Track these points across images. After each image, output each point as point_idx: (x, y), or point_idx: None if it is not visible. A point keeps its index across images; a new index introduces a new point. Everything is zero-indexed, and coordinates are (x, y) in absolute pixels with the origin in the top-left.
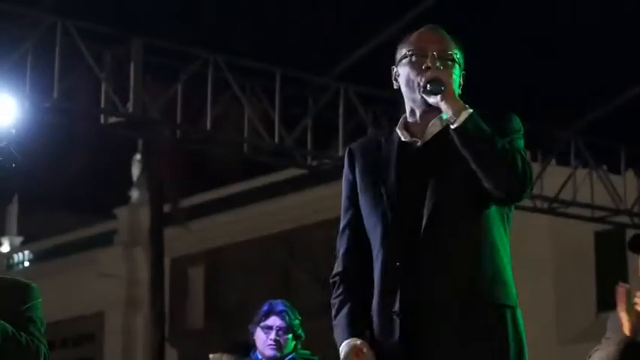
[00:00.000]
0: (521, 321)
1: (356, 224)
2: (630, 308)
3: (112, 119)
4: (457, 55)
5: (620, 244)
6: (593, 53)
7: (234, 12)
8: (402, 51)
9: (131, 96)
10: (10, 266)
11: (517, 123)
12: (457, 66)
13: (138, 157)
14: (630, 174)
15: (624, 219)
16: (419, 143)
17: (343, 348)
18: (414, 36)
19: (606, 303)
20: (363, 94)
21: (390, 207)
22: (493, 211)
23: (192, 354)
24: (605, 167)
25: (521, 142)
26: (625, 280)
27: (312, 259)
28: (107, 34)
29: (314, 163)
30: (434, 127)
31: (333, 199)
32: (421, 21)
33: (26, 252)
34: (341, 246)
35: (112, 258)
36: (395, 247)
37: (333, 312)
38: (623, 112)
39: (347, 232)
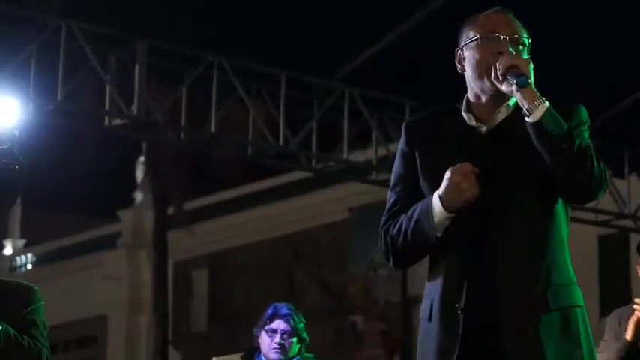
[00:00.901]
0: (588, 320)
1: (410, 199)
2: None
3: (117, 121)
4: (527, 39)
5: (624, 248)
6: (598, 56)
7: (239, 15)
8: (470, 33)
9: (135, 98)
10: (13, 269)
11: (585, 115)
12: (527, 51)
13: (142, 159)
14: (634, 178)
15: (628, 223)
16: (484, 129)
17: (437, 192)
18: (482, 18)
19: (609, 307)
20: (368, 97)
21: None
22: (560, 207)
23: (196, 357)
24: (609, 171)
25: (586, 135)
26: (628, 283)
27: (317, 262)
28: (112, 36)
29: (319, 166)
30: (500, 114)
31: (338, 202)
32: (427, 23)
33: (29, 254)
34: (394, 211)
35: (116, 260)
36: (464, 242)
37: (405, 223)
38: (627, 116)
39: (401, 204)
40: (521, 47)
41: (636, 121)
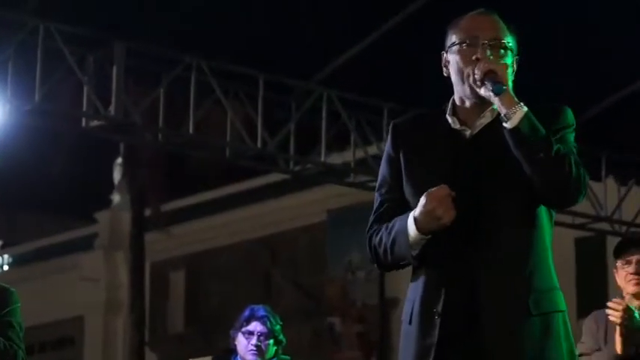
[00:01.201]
0: (569, 325)
1: (394, 201)
2: (630, 323)
3: (94, 123)
4: (510, 42)
5: (601, 251)
6: (574, 59)
7: (217, 16)
8: (452, 37)
9: (113, 99)
10: None
11: (570, 117)
12: (510, 54)
13: (119, 161)
14: (611, 181)
15: (604, 226)
16: (468, 133)
17: (414, 211)
18: (464, 21)
19: (586, 309)
20: (346, 99)
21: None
22: (543, 211)
23: (172, 358)
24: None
25: (571, 137)
26: (605, 286)
27: (294, 264)
28: (89, 37)
29: (296, 168)
30: (485, 118)
31: (316, 204)
32: (406, 26)
33: (6, 256)
34: (380, 212)
35: (93, 262)
36: (444, 245)
37: (384, 237)
38: (604, 119)
39: (386, 205)
40: (502, 51)
41: (613, 124)
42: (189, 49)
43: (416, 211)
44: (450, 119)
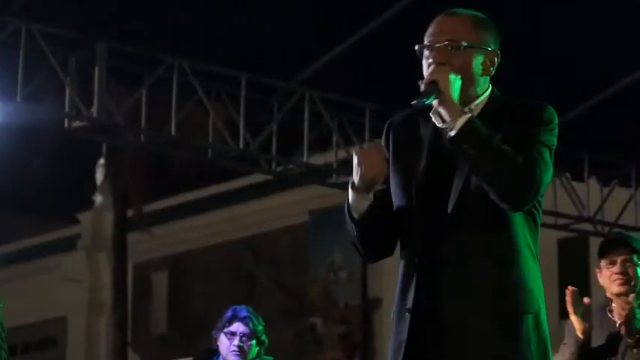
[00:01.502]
0: (545, 327)
1: (382, 207)
2: (579, 309)
3: (76, 124)
4: (478, 38)
5: (584, 252)
6: (557, 60)
7: (200, 17)
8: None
9: (95, 100)
10: None
11: (547, 115)
12: (474, 52)
13: (102, 161)
14: (593, 181)
15: (587, 227)
16: (450, 132)
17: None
18: (430, 24)
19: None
20: (329, 100)
21: (417, 198)
22: (520, 217)
23: (155, 359)
24: (568, 175)
25: (547, 137)
26: (587, 287)
27: (277, 265)
28: (72, 38)
29: (279, 169)
30: (463, 118)
31: (298, 205)
32: (388, 27)
33: None
34: None
35: (75, 263)
36: (417, 242)
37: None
38: (587, 120)
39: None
40: (456, 51)
41: (596, 125)
42: (172, 49)
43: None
44: (433, 118)
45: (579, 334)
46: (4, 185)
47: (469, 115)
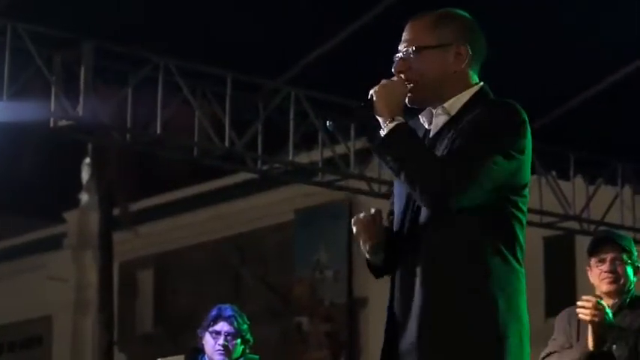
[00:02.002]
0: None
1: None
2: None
3: (62, 123)
4: (434, 37)
5: (569, 250)
6: (542, 59)
7: (184, 16)
8: None
9: (81, 99)
10: None
11: (499, 114)
12: (428, 52)
13: (87, 160)
14: (579, 180)
15: (573, 225)
16: (431, 134)
17: None
18: None
19: (555, 308)
20: (314, 98)
21: (397, 200)
22: (475, 219)
23: (141, 358)
24: (554, 173)
25: (500, 136)
26: (573, 285)
27: (263, 263)
28: (57, 37)
29: (264, 168)
30: (438, 119)
31: (284, 203)
32: (374, 25)
33: None
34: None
35: (61, 261)
36: (399, 244)
37: None
38: (573, 118)
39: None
40: (412, 56)
41: (581, 123)
42: (157, 48)
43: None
44: (421, 119)
45: (591, 347)
46: None
47: (393, 124)
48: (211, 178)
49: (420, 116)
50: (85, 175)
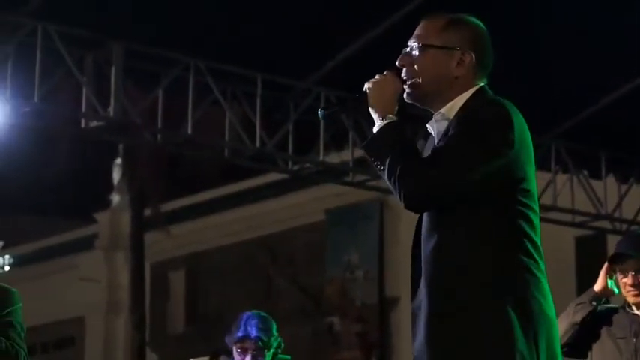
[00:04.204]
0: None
1: None
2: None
3: (93, 123)
4: (441, 38)
5: (601, 249)
6: (574, 58)
7: (215, 17)
8: None
9: (112, 100)
10: None
11: (487, 113)
12: (433, 51)
13: (119, 161)
14: (611, 179)
15: (605, 224)
16: (436, 142)
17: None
18: None
19: None
20: (344, 98)
21: None
22: (474, 218)
23: (173, 358)
24: (585, 172)
25: (469, 139)
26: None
27: (293, 264)
28: (88, 38)
29: (295, 168)
30: (439, 125)
31: (314, 203)
32: (402, 26)
33: (7, 256)
34: None
35: (93, 262)
36: (414, 242)
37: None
38: (604, 117)
39: None
40: (415, 53)
41: (613, 122)
42: (187, 49)
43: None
44: (429, 128)
45: (596, 289)
46: (22, 185)
47: (385, 122)
48: (242, 179)
49: (427, 125)
50: (116, 175)
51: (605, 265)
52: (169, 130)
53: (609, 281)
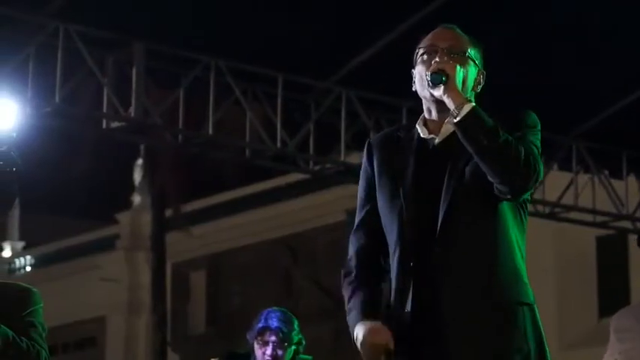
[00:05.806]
0: (539, 318)
1: (372, 222)
2: None
3: (114, 124)
4: (471, 53)
5: (622, 249)
6: (595, 57)
7: (236, 16)
8: (417, 50)
9: (133, 101)
10: (12, 271)
11: (531, 119)
12: (471, 63)
13: (140, 161)
14: (632, 179)
15: (626, 224)
16: (436, 141)
17: (358, 329)
18: (428, 35)
19: (608, 308)
20: (365, 98)
21: (407, 205)
22: (506, 207)
23: (194, 358)
24: (606, 172)
25: (534, 138)
26: (627, 284)
27: (314, 264)
28: (109, 38)
29: (316, 168)
30: (449, 124)
31: (335, 203)
32: (423, 26)
33: (28, 257)
34: (356, 242)
35: (114, 262)
36: (410, 246)
37: (347, 297)
38: (625, 117)
39: (362, 229)
40: (459, 57)
41: (634, 122)
42: (208, 49)
43: (359, 336)
44: (419, 129)
45: None
46: (44, 186)
47: (473, 104)
48: (263, 179)
49: (417, 125)
50: (138, 176)
51: None
52: (190, 131)
53: None
